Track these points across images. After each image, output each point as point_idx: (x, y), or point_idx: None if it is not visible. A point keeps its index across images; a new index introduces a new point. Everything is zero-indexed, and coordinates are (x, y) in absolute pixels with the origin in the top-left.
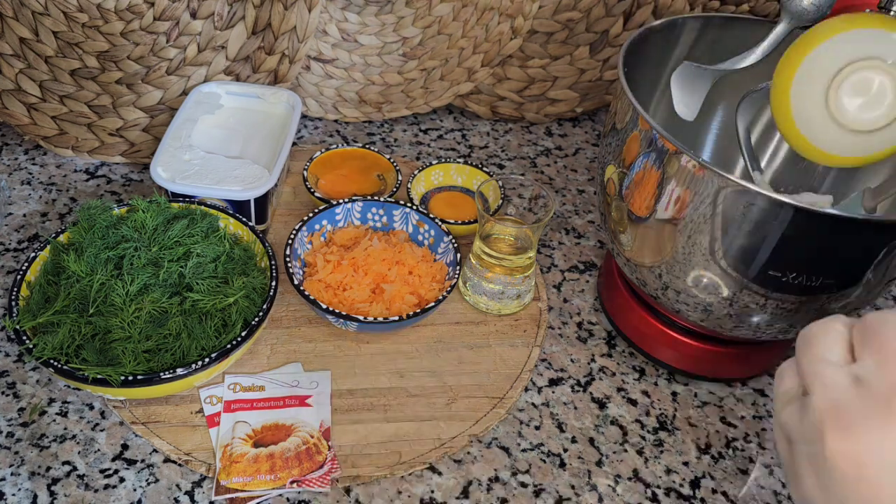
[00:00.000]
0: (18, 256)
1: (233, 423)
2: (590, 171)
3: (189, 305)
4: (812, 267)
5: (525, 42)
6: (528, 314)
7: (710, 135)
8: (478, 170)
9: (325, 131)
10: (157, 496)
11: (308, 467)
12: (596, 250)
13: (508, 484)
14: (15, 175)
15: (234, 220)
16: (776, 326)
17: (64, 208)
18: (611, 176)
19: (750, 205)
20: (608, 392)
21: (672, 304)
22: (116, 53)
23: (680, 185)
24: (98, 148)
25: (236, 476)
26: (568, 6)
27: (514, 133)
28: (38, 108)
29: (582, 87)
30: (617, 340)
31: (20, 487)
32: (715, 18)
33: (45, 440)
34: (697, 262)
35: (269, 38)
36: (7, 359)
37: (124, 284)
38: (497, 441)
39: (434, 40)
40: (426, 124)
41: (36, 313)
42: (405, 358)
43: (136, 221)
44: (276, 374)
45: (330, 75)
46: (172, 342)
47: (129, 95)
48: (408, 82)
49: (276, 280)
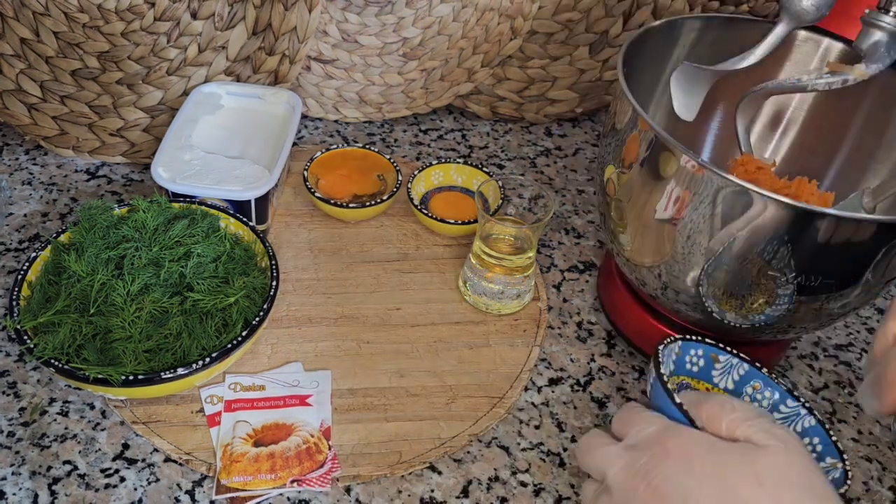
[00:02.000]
0: (19, 256)
1: (233, 422)
2: (589, 172)
3: (190, 305)
4: (811, 267)
5: (525, 42)
6: (527, 314)
7: (709, 135)
8: (478, 170)
9: (325, 131)
10: (157, 495)
11: (308, 466)
12: (595, 250)
13: (508, 483)
14: (16, 175)
15: (234, 220)
16: (776, 326)
17: (65, 208)
18: (610, 176)
19: (749, 205)
20: (608, 391)
21: (671, 303)
22: (117, 54)
23: (679, 186)
24: (99, 148)
25: (237, 475)
26: (567, 7)
27: (514, 133)
28: (39, 109)
29: (581, 88)
30: (616, 340)
31: (21, 487)
32: (714, 19)
33: (45, 440)
34: (697, 261)
35: (270, 39)
36: (8, 358)
37: (125, 284)
38: (497, 440)
39: (434, 41)
40: (426, 125)
41: (37, 313)
42: (405, 357)
43: (137, 221)
44: (277, 374)
45: (330, 76)
46: (173, 342)
47: (130, 96)
48: (408, 83)
49: (276, 280)
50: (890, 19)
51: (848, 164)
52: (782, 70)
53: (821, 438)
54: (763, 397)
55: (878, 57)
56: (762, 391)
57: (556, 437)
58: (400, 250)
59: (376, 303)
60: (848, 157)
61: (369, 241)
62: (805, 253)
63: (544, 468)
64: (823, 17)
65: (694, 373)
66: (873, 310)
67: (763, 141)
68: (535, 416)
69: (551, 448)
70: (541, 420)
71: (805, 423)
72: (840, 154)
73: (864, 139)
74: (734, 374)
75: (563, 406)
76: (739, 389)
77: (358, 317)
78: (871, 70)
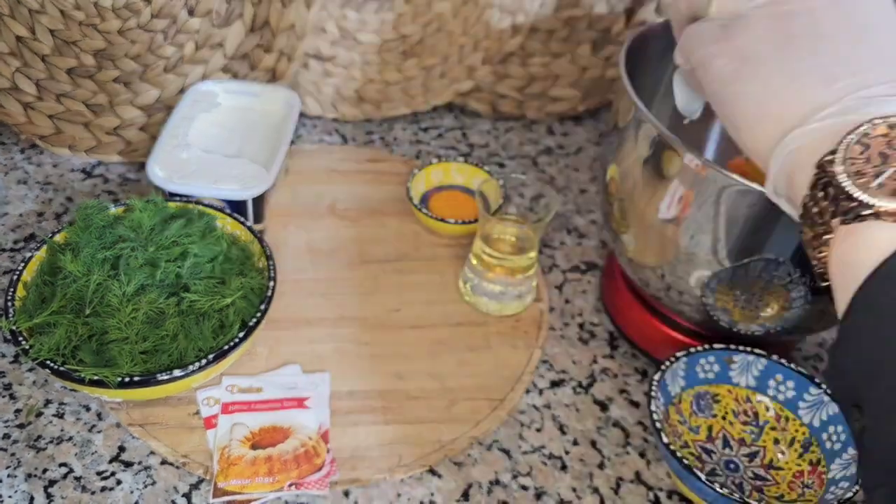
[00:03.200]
0: (14, 256)
1: (231, 424)
2: (592, 171)
3: (186, 306)
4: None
5: (526, 39)
6: (529, 315)
7: (713, 133)
8: (478, 168)
9: (323, 130)
10: (154, 498)
11: (306, 470)
12: (598, 250)
13: (509, 487)
14: (11, 174)
15: (231, 219)
16: (780, 327)
17: (60, 208)
18: (613, 175)
19: (753, 204)
20: (610, 394)
21: (675, 304)
22: (113, 52)
23: (683, 185)
24: (95, 147)
25: (234, 478)
26: (569, 3)
27: (515, 131)
28: (35, 107)
29: (584, 85)
30: (619, 341)
31: (16, 489)
32: None
33: (41, 442)
34: (700, 262)
35: (268, 36)
36: (3, 360)
37: (121, 285)
38: (498, 443)
39: (434, 38)
40: (426, 123)
41: (32, 314)
42: (405, 360)
43: (133, 221)
44: (275, 376)
45: (329, 73)
46: (169, 343)
47: (127, 94)
48: (407, 80)
49: (273, 280)
50: None
51: None
52: None
53: (844, 427)
54: (786, 388)
55: None
56: (784, 382)
57: (558, 440)
58: (399, 250)
59: (375, 304)
60: None
61: (368, 242)
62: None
63: (546, 471)
64: None
65: (710, 380)
66: None
67: None
68: (537, 418)
69: (553, 451)
70: (542, 423)
71: (829, 412)
72: None
73: None
74: (753, 371)
75: (565, 408)
76: (763, 384)
77: (357, 318)
78: None
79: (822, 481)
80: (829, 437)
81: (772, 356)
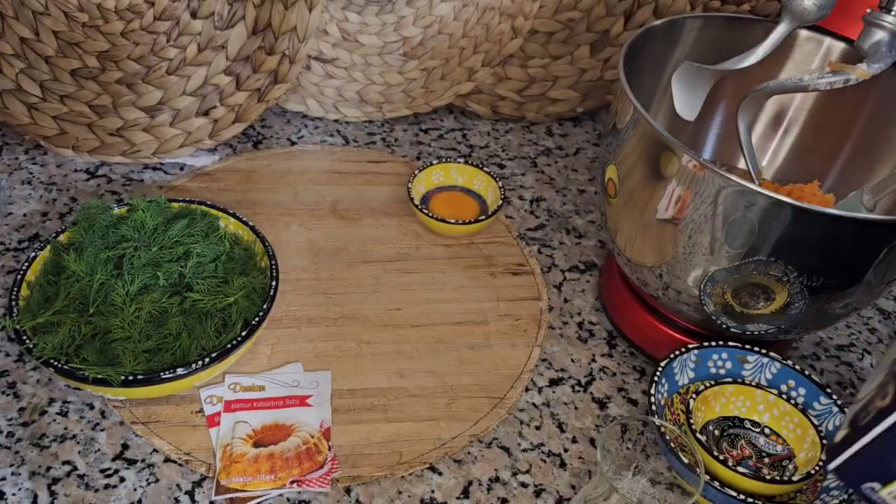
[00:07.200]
0: (19, 256)
1: (233, 422)
2: (590, 171)
3: (189, 305)
4: (812, 267)
5: (526, 42)
6: (528, 314)
7: (710, 134)
8: (478, 169)
9: (325, 131)
10: (157, 496)
11: (308, 467)
12: (596, 250)
13: (509, 484)
14: (15, 175)
15: (234, 219)
16: (777, 326)
17: (64, 208)
18: (612, 176)
19: (750, 205)
20: (609, 392)
21: (673, 303)
22: (117, 53)
23: (681, 185)
24: (98, 147)
25: (236, 476)
26: (568, 6)
27: (515, 133)
28: (39, 108)
29: (583, 87)
30: (617, 340)
31: (20, 487)
32: (715, 18)
33: (45, 440)
34: (698, 261)
35: (270, 38)
36: (7, 358)
37: (124, 284)
38: (497, 441)
39: (435, 40)
40: (427, 124)
41: (36, 313)
42: (405, 358)
43: (136, 221)
44: (277, 374)
45: (330, 75)
46: (172, 342)
47: (130, 95)
48: (408, 82)
49: (276, 280)
50: (892, 19)
51: (850, 164)
52: (784, 70)
53: None
54: (798, 394)
55: (879, 56)
56: (796, 388)
57: (557, 438)
58: (400, 250)
59: (376, 303)
60: (850, 158)
61: (369, 241)
62: (806, 253)
63: (545, 469)
64: (825, 17)
65: (721, 375)
66: (875, 310)
67: (764, 141)
68: (536, 416)
69: (552, 449)
70: (541, 421)
71: (837, 422)
72: (842, 154)
73: (866, 139)
74: (766, 373)
75: (564, 406)
76: (775, 386)
77: (358, 317)
78: (872, 70)
79: (815, 488)
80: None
81: (786, 361)
